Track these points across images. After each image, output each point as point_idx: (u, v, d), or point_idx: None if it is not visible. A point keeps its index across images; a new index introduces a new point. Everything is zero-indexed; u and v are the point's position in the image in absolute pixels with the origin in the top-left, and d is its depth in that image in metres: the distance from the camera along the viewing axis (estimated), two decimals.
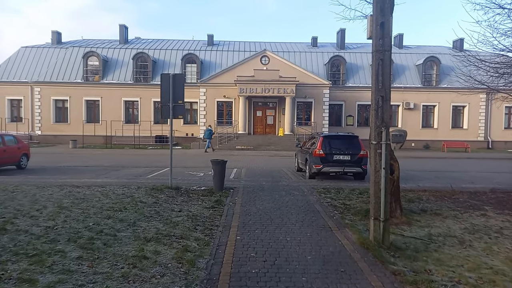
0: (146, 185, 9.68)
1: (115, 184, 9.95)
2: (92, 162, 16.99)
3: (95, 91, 30.55)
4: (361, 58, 32.61)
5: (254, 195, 8.68)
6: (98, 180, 10.81)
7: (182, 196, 8.42)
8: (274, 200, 8.19)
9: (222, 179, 9.14)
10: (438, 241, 5.48)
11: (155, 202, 7.71)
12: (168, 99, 9.03)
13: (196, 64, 31.14)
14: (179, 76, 9.13)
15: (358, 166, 11.15)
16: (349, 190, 9.49)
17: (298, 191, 9.35)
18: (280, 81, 27.37)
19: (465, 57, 8.58)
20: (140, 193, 8.63)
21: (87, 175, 12.08)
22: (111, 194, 8.40)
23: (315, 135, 13.15)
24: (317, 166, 11.20)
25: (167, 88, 9.00)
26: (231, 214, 6.85)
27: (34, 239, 5.11)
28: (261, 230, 5.79)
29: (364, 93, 30.91)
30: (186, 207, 7.34)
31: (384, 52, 5.09)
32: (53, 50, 32.21)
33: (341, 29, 34.44)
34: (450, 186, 9.76)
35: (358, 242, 5.25)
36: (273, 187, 9.87)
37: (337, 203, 7.95)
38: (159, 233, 5.54)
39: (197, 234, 5.57)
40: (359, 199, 8.38)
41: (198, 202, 7.85)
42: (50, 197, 7.98)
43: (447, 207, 7.74)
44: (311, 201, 8.09)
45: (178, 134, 30.49)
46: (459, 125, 31.91)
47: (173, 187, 9.17)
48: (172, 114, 9.08)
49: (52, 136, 30.19)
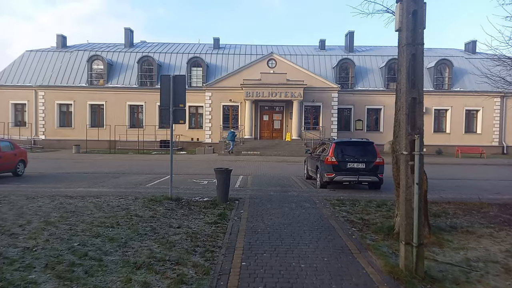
0: (145, 196, 8.96)
1: (112, 194, 9.23)
2: (93, 168, 16.35)
3: (99, 95, 30.09)
4: (370, 61, 31.74)
5: (261, 208, 7.90)
6: (94, 189, 10.10)
7: (182, 209, 7.66)
8: (283, 213, 7.40)
9: (226, 190, 8.37)
10: (478, 268, 4.65)
11: (152, 216, 6.96)
12: (168, 103, 8.31)
13: (201, 68, 30.55)
14: (180, 78, 8.41)
15: (373, 175, 10.29)
16: (365, 202, 8.66)
17: (309, 202, 8.54)
18: (287, 84, 26.62)
19: (498, 57, 7.70)
20: (137, 205, 7.90)
21: (84, 183, 11.40)
22: (105, 207, 7.68)
23: (326, 141, 12.32)
24: (329, 175, 10.37)
25: (168, 90, 8.28)
26: (235, 231, 6.07)
27: (6, 265, 4.38)
28: (270, 254, 5.00)
29: (373, 97, 30.03)
30: (186, 223, 6.58)
31: (416, 46, 4.30)
32: (58, 54, 31.86)
33: (350, 31, 33.63)
34: (478, 198, 8.87)
35: (385, 270, 4.44)
36: (282, 198, 9.07)
37: (354, 218, 7.13)
38: (152, 256, 4.78)
39: (196, 258, 4.80)
40: (378, 213, 7.55)
41: (199, 216, 7.09)
42: (38, 210, 7.28)
43: (478, 223, 6.88)
44: (325, 215, 7.28)
45: (183, 138, 29.89)
46: (473, 129, 30.81)
47: (173, 198, 8.42)
48: (173, 118, 8.35)
49: (56, 141, 29.76)
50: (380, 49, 34.16)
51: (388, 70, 30.27)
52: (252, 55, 32.09)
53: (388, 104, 29.89)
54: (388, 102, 29.86)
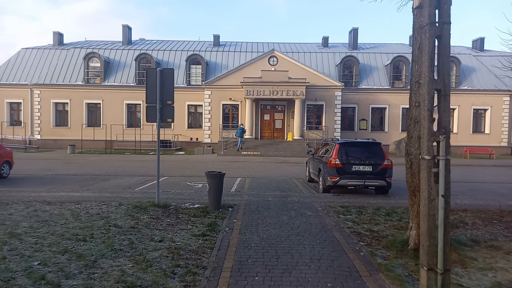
0: (130, 201, 8.19)
1: (94, 199, 8.46)
2: (84, 170, 15.60)
3: (96, 94, 29.35)
4: (375, 59, 30.83)
5: (257, 216, 7.10)
6: (77, 194, 9.32)
7: (169, 218, 6.88)
8: (281, 223, 6.60)
9: (219, 196, 7.57)
10: None
11: (133, 226, 6.18)
12: (154, 100, 7.53)
13: (201, 66, 29.75)
14: (167, 72, 7.62)
15: (381, 179, 9.45)
16: (373, 209, 7.84)
17: (311, 210, 7.73)
18: (289, 82, 25.78)
19: None
20: (119, 213, 7.12)
21: (68, 187, 10.63)
22: (83, 215, 6.91)
23: (329, 142, 11.47)
24: (332, 179, 9.54)
25: (154, 86, 7.50)
26: (225, 246, 5.27)
27: None
28: (263, 277, 4.20)
29: (378, 96, 29.13)
30: (170, 235, 5.79)
31: (442, 26, 3.49)
32: (54, 52, 31.15)
33: (354, 28, 32.73)
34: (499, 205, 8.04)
35: None
36: (280, 205, 8.27)
37: (361, 229, 6.32)
38: (121, 280, 4.00)
39: (174, 283, 4.01)
40: (388, 223, 6.73)
41: (187, 227, 6.30)
42: (7, 219, 6.51)
43: (503, 236, 6.06)
44: (328, 226, 6.47)
45: (182, 138, 29.13)
46: (481, 129, 29.87)
47: (160, 204, 7.64)
48: (160, 117, 7.56)
49: (52, 140, 29.05)
50: (385, 46, 33.26)
51: (393, 68, 29.36)
52: (253, 52, 31.26)
53: (393, 103, 29.05)
54: (393, 101, 29.02)
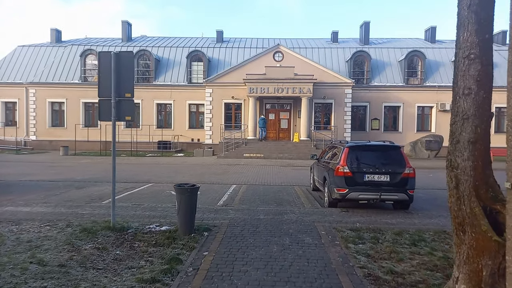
0: (83, 221, 6.50)
1: (41, 217, 6.79)
2: (65, 174, 14.05)
3: (93, 93, 27.67)
4: (388, 54, 28.76)
5: (239, 245, 5.35)
6: (27, 209, 7.64)
7: (120, 247, 5.18)
8: (269, 258, 4.84)
9: (191, 216, 5.84)
10: None
11: (62, 264, 4.48)
12: (109, 92, 5.83)
13: (202, 63, 28.12)
14: (126, 55, 5.91)
15: (401, 191, 7.58)
16: (392, 234, 6.00)
17: (311, 236, 5.93)
18: (295, 79, 23.95)
19: None
20: (58, 239, 5.45)
21: (29, 197, 9.02)
22: (8, 243, 5.25)
23: (337, 144, 9.59)
24: (340, 190, 7.70)
25: (108, 74, 5.80)
26: None
27: None
28: None
29: (391, 93, 27.08)
30: (108, 279, 4.08)
31: None
32: (51, 49, 29.91)
33: (365, 22, 30.71)
34: None
35: None
36: (273, 226, 6.49)
37: (378, 270, 4.50)
38: None
39: None
40: (416, 258, 4.91)
41: (138, 263, 4.59)
42: None
43: None
44: (333, 264, 4.68)
45: (183, 139, 27.61)
46: (503, 129, 27.54)
47: (116, 227, 5.93)
48: (116, 114, 5.86)
49: (47, 141, 27.79)
50: (399, 41, 31.16)
51: (408, 63, 27.25)
52: (258, 48, 29.49)
53: (407, 101, 26.96)
54: (407, 99, 26.93)
